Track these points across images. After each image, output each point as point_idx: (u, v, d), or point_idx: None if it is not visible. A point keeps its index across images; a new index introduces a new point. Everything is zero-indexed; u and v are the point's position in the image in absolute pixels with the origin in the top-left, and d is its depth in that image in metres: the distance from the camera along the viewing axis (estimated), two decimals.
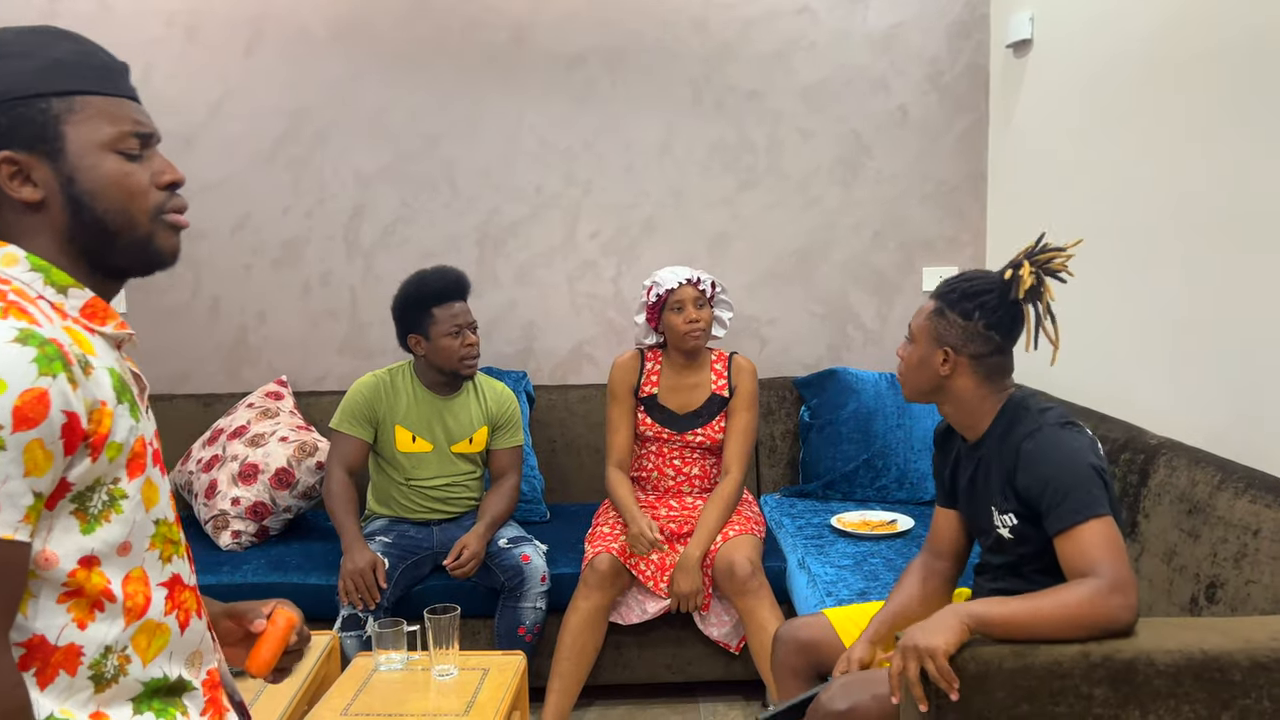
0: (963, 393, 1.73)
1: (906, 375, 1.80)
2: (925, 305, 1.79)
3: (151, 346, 3.37)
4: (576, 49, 3.29)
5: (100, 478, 1.01)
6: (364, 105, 3.30)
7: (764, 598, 2.53)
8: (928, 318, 1.76)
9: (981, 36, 3.31)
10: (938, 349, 1.73)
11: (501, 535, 2.67)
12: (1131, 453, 2.16)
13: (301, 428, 3.08)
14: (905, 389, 1.82)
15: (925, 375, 1.76)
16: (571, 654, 2.54)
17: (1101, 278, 2.59)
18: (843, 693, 1.71)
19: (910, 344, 1.80)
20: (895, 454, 3.08)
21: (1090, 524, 1.52)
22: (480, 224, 3.36)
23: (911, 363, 1.78)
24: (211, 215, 3.33)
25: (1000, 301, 1.71)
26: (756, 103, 3.33)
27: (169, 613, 1.09)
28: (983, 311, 1.70)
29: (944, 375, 1.73)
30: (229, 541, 2.87)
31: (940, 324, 1.73)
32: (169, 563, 1.10)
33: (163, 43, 3.26)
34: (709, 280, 2.74)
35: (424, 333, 2.66)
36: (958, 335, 1.71)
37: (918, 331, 1.77)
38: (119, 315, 1.10)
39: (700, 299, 2.72)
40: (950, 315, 1.72)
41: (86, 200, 1.08)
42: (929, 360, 1.74)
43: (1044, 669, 1.43)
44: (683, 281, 2.70)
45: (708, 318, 2.73)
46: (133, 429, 1.04)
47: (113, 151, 1.09)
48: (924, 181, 3.37)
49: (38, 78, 1.06)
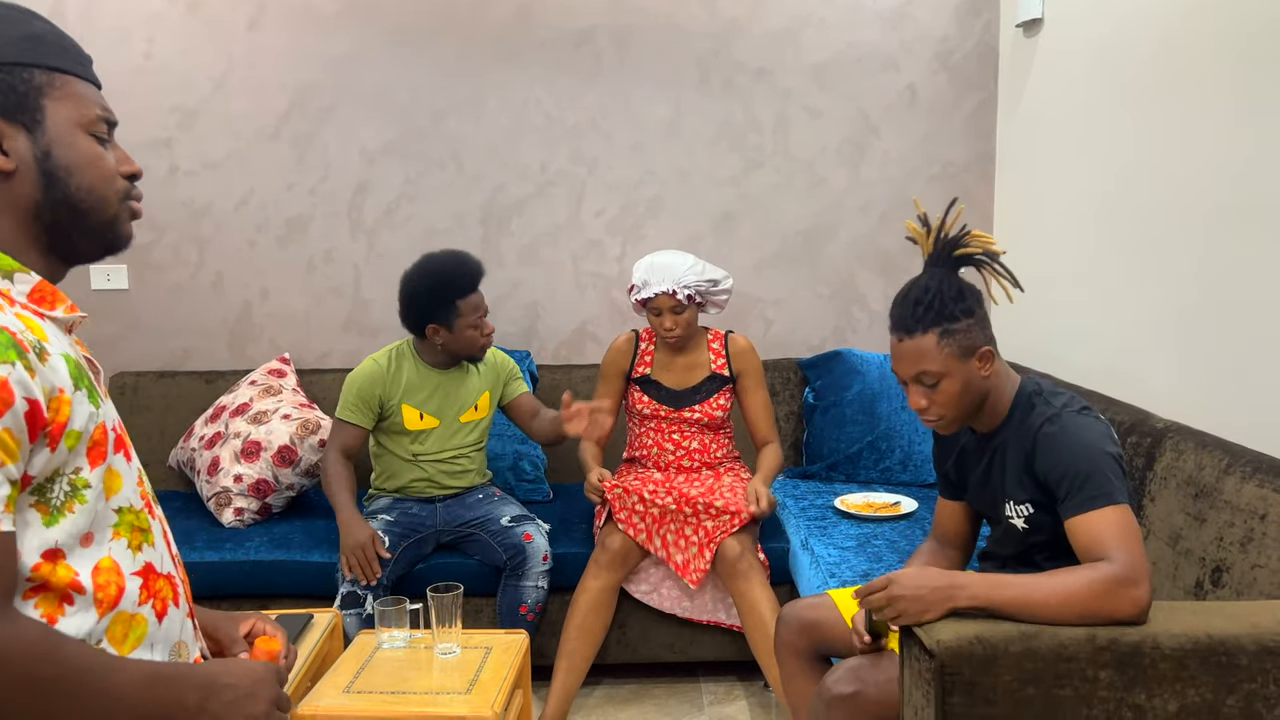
0: (998, 383, 1.70)
1: (949, 412, 1.68)
2: (921, 344, 1.64)
3: (155, 323, 3.37)
4: (584, 25, 3.26)
5: (60, 468, 0.99)
6: (368, 81, 3.28)
7: (755, 580, 2.52)
8: (941, 347, 1.63)
9: (991, 15, 3.27)
10: (970, 360, 1.65)
11: (504, 514, 2.67)
12: (1138, 436, 2.15)
13: (304, 405, 3.08)
14: (951, 425, 1.70)
15: (970, 394, 1.67)
16: (579, 634, 2.54)
17: (1110, 260, 2.57)
18: (848, 675, 1.71)
19: (936, 384, 1.66)
20: (900, 436, 3.07)
21: (1106, 510, 1.51)
22: (485, 202, 3.34)
23: (953, 395, 1.66)
24: (215, 192, 3.32)
25: (964, 285, 1.69)
26: (764, 81, 3.30)
27: (144, 603, 1.07)
28: (974, 300, 1.68)
29: (985, 376, 1.68)
30: (232, 519, 2.87)
31: (958, 339, 1.64)
32: (139, 551, 1.08)
33: (165, 17, 3.24)
34: (687, 293, 2.66)
35: (448, 324, 2.61)
36: (979, 332, 1.66)
37: (941, 366, 1.64)
38: (68, 299, 1.08)
39: (678, 307, 2.67)
40: (959, 324, 1.64)
41: (62, 175, 1.06)
42: (971, 378, 1.66)
43: (1049, 652, 1.42)
44: (658, 293, 2.66)
45: (686, 320, 2.70)
46: (92, 416, 1.02)
47: (87, 133, 1.09)
48: (931, 162, 3.34)
49: (22, 47, 1.05)
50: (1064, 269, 2.80)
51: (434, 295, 2.60)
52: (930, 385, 1.66)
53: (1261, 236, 1.99)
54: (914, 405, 1.69)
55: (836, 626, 1.89)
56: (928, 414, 1.69)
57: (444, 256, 2.68)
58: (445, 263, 2.64)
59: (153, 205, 3.31)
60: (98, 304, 3.35)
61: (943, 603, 1.47)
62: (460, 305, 2.60)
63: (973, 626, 1.46)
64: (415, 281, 2.63)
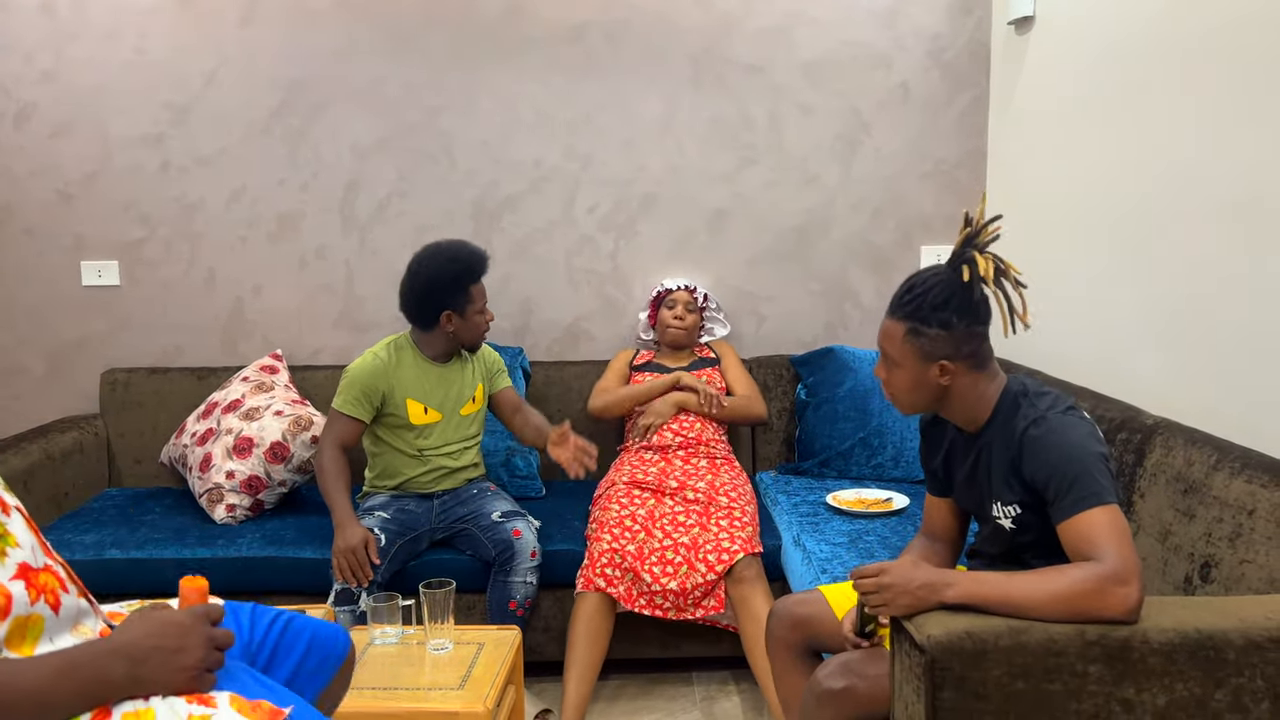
0: (965, 391, 1.70)
1: (900, 397, 1.74)
2: (891, 327, 1.70)
3: (146, 318, 3.36)
4: (576, 21, 3.26)
5: None
6: (360, 77, 3.27)
7: (759, 588, 2.53)
8: (905, 341, 1.68)
9: (984, 13, 3.28)
10: (930, 365, 1.68)
11: (494, 509, 2.67)
12: (1128, 432, 2.16)
13: (296, 402, 3.07)
14: (902, 408, 1.76)
15: (923, 392, 1.71)
16: (585, 641, 2.50)
17: (1100, 256, 2.58)
18: (840, 670, 1.71)
19: (893, 367, 1.72)
20: (891, 432, 3.08)
21: (1095, 511, 1.51)
22: (477, 198, 3.34)
23: (903, 385, 1.72)
24: (207, 187, 3.31)
25: (967, 297, 1.67)
26: (757, 78, 3.30)
27: (35, 601, 1.04)
28: (959, 314, 1.66)
29: (944, 385, 1.69)
30: (224, 515, 2.86)
31: (922, 342, 1.67)
32: (5, 558, 1.05)
33: (157, 13, 3.23)
34: (703, 293, 3.22)
35: (460, 311, 2.62)
36: (947, 345, 1.66)
37: (898, 356, 1.70)
38: None
39: (691, 303, 3.13)
40: (929, 331, 1.66)
41: None
42: (923, 378, 1.69)
43: (1039, 646, 1.43)
44: (680, 286, 3.17)
45: (692, 322, 3.13)
46: None
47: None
48: (923, 159, 3.35)
49: None
50: (1054, 265, 2.81)
51: (451, 281, 2.60)
52: (889, 364, 1.74)
53: (1250, 233, 2.00)
54: (876, 373, 1.79)
55: (827, 622, 1.89)
56: (885, 388, 1.78)
57: (453, 244, 2.68)
58: (458, 249, 2.65)
59: (144, 201, 3.31)
60: (89, 299, 3.34)
61: (931, 597, 1.48)
62: (472, 291, 2.63)
63: (963, 621, 1.47)
64: (430, 268, 2.62)
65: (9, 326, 3.34)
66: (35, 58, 3.23)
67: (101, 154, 3.28)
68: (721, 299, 3.38)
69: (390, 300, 3.27)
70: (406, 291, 2.66)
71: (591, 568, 2.54)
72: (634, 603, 2.53)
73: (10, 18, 3.21)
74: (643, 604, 2.53)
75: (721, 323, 3.30)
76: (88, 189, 3.30)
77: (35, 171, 3.28)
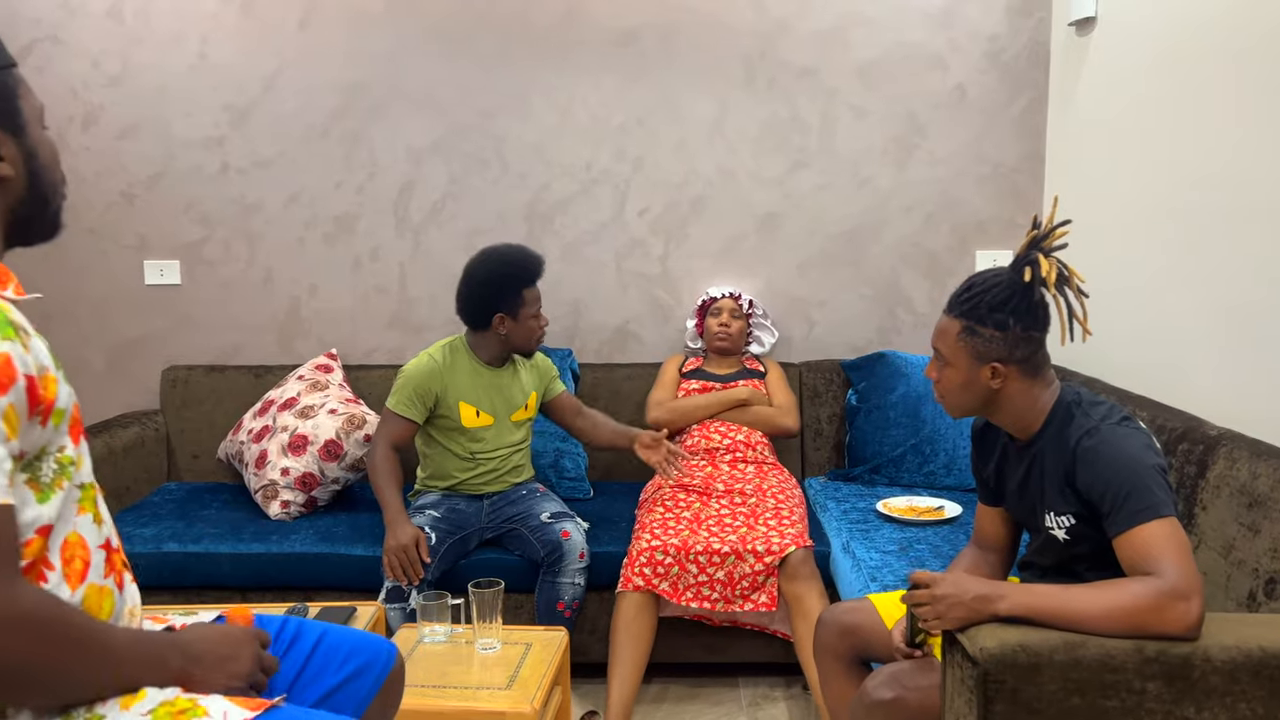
0: (1016, 397, 1.68)
1: (949, 398, 1.73)
2: (946, 325, 1.69)
3: (207, 318, 3.43)
4: (629, 24, 3.27)
5: (47, 445, 1.01)
6: (416, 80, 3.31)
7: (813, 587, 2.52)
8: (959, 339, 1.67)
9: (1043, 13, 3.22)
10: (982, 366, 1.66)
11: (543, 510, 2.68)
12: (1190, 444, 2.11)
13: (350, 400, 3.12)
14: (950, 409, 1.75)
15: (973, 394, 1.69)
16: (627, 640, 2.51)
17: (1163, 262, 2.52)
18: (889, 681, 1.69)
19: (944, 366, 1.71)
20: (944, 439, 3.04)
21: (1153, 524, 1.47)
22: (529, 200, 3.36)
23: (953, 385, 1.70)
24: (265, 189, 3.37)
25: (1026, 300, 1.65)
26: (810, 80, 3.28)
27: (107, 576, 1.09)
28: (1016, 316, 1.64)
29: (995, 388, 1.67)
30: (278, 511, 2.91)
31: (976, 342, 1.65)
32: (101, 525, 1.10)
33: (218, 17, 3.29)
34: (748, 299, 3.21)
35: (513, 314, 2.65)
36: (1000, 348, 1.64)
37: (951, 355, 1.69)
38: (14, 277, 1.09)
39: (736, 310, 3.15)
40: (984, 331, 1.65)
41: (42, 174, 1.08)
42: (974, 380, 1.67)
43: (1095, 662, 1.40)
44: (725, 294, 3.18)
45: (738, 329, 3.14)
46: (70, 395, 1.05)
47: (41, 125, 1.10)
48: (980, 163, 3.30)
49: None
50: (1113, 270, 2.75)
51: (504, 283, 2.64)
52: (941, 364, 1.72)
53: None
54: (927, 373, 1.77)
55: (876, 631, 1.87)
56: (935, 388, 1.76)
57: (509, 248, 2.71)
58: (513, 253, 2.69)
59: (205, 202, 3.38)
60: (151, 298, 3.42)
61: (984, 609, 1.45)
62: (525, 295, 2.65)
63: (1017, 634, 1.44)
64: (484, 270, 2.66)
65: (74, 323, 3.43)
66: (103, 62, 3.32)
67: (164, 156, 3.36)
68: (771, 303, 3.36)
69: (442, 302, 3.32)
70: (461, 292, 2.69)
71: (631, 566, 2.54)
72: (680, 596, 2.53)
73: (80, 23, 3.30)
74: (689, 597, 2.53)
75: (769, 329, 3.28)
76: (151, 190, 3.38)
77: (101, 173, 3.37)
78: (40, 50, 3.31)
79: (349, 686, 1.41)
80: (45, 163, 1.08)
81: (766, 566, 2.51)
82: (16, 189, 1.05)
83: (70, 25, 3.31)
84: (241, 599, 2.71)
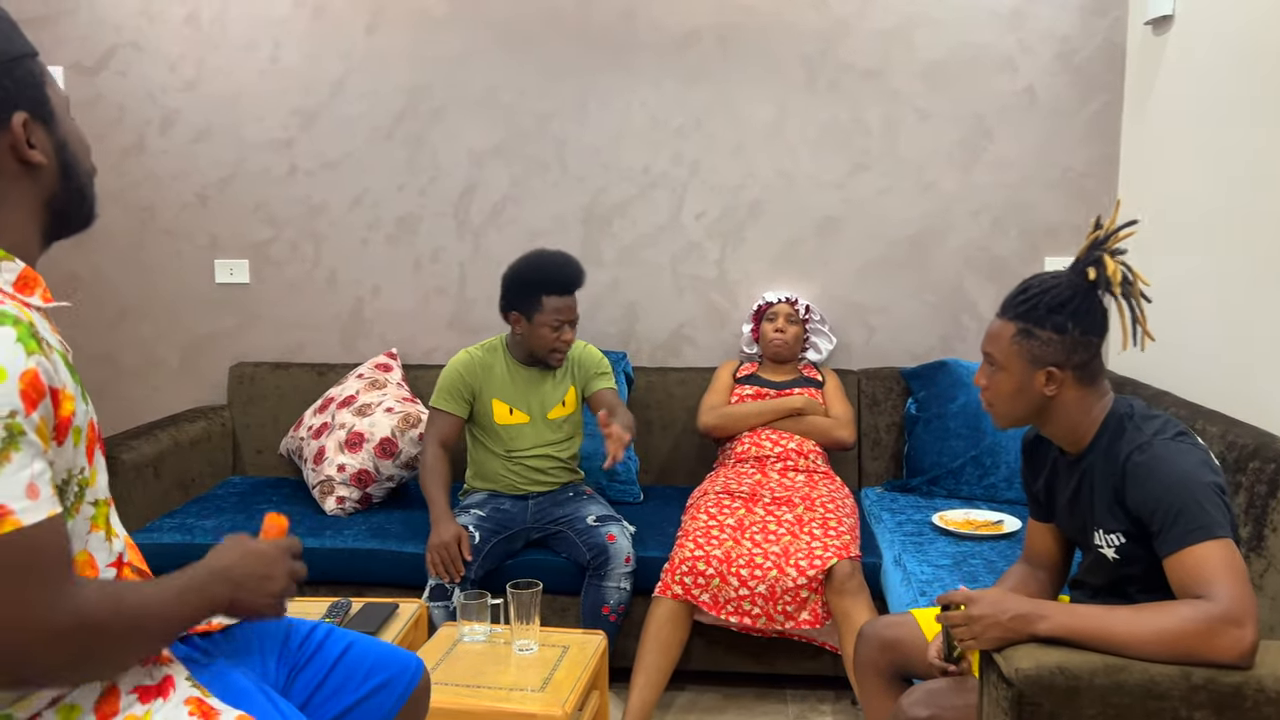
0: (1069, 406, 1.61)
1: (998, 405, 1.65)
2: (1000, 328, 1.63)
3: (272, 316, 3.52)
4: (690, 27, 3.25)
5: (70, 467, 1.00)
6: (477, 83, 3.34)
7: (861, 600, 2.46)
8: (1014, 341, 1.60)
9: (1119, 13, 3.11)
10: (1037, 371, 1.59)
11: (590, 512, 2.68)
12: (1261, 461, 2.00)
13: (407, 399, 3.16)
14: (999, 419, 1.67)
15: (1025, 401, 1.62)
16: (655, 646, 2.50)
17: (1237, 269, 2.40)
18: (925, 699, 1.64)
19: (996, 370, 1.64)
20: (1006, 451, 2.94)
21: (1206, 545, 1.40)
22: (587, 204, 3.36)
23: (1005, 391, 1.63)
24: (331, 191, 3.44)
25: (1086, 303, 1.58)
26: (873, 82, 3.22)
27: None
28: (1075, 320, 1.57)
29: (1049, 395, 1.60)
30: (334, 507, 2.96)
31: (1032, 345, 1.59)
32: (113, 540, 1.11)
33: (289, 23, 3.38)
34: (804, 303, 3.14)
35: (527, 315, 2.67)
36: (1058, 351, 1.58)
37: (1005, 358, 1.61)
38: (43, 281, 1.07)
39: (792, 315, 3.09)
40: (1042, 333, 1.58)
41: (73, 163, 1.08)
42: (1028, 385, 1.60)
43: (1139, 688, 1.34)
44: (781, 299, 3.11)
45: (794, 334, 3.08)
46: (85, 413, 1.03)
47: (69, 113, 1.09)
48: (1050, 167, 3.20)
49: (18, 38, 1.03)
50: (1185, 278, 2.63)
51: (524, 283, 2.66)
52: (993, 369, 1.65)
53: None
54: (976, 380, 1.70)
55: (917, 646, 1.81)
56: (984, 395, 1.69)
57: (549, 252, 2.73)
58: (546, 257, 2.70)
59: (273, 203, 3.46)
60: (221, 297, 3.52)
61: (1021, 630, 1.40)
62: (544, 301, 2.64)
63: (1056, 655, 1.38)
64: (515, 267, 2.71)
65: (150, 320, 3.55)
66: (180, 67, 3.43)
67: (235, 158, 3.45)
68: (829, 308, 3.30)
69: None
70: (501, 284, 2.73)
71: (670, 574, 2.52)
72: (721, 609, 2.49)
73: (159, 29, 3.42)
74: (730, 611, 2.49)
75: (826, 335, 3.22)
76: (222, 191, 3.47)
77: (177, 175, 3.48)
78: (121, 56, 3.44)
79: (370, 702, 1.41)
80: (77, 152, 1.08)
81: (810, 581, 2.46)
82: (50, 179, 1.05)
83: (150, 32, 3.42)
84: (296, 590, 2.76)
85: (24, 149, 1.01)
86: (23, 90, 1.02)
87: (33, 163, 1.03)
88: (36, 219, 1.06)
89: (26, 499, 0.91)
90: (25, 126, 1.01)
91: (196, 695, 1.15)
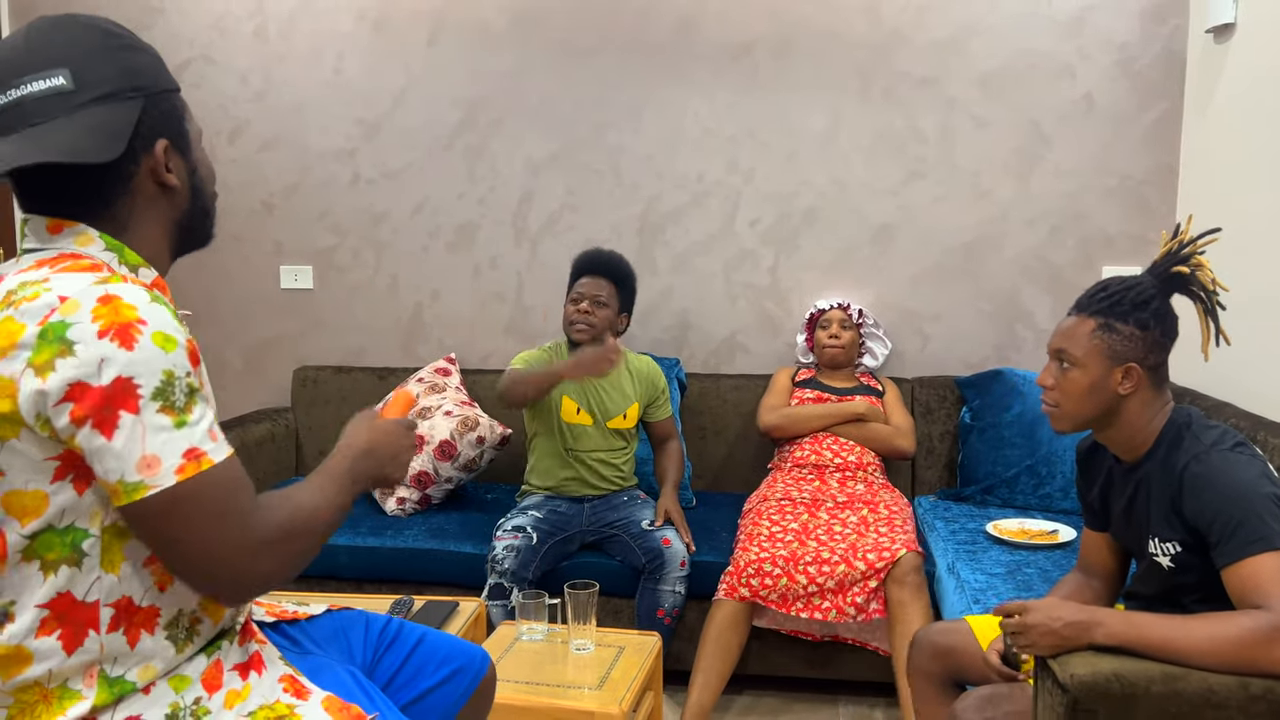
0: (1136, 410, 1.61)
1: (1066, 404, 1.64)
2: (1076, 324, 1.63)
3: (335, 320, 3.61)
4: (744, 38, 3.28)
5: None
6: (534, 94, 3.41)
7: (920, 600, 2.48)
8: (1094, 336, 1.60)
9: (1179, 20, 3.08)
10: (1116, 367, 1.59)
11: (645, 517, 2.72)
12: None
13: (465, 403, 3.23)
14: (1064, 420, 1.65)
15: (1096, 400, 1.61)
16: (715, 649, 2.52)
17: None
18: (979, 705, 1.65)
19: (1070, 368, 1.62)
20: (1062, 461, 2.93)
21: (1265, 556, 1.40)
22: (642, 212, 3.41)
23: (1079, 389, 1.61)
24: (393, 199, 3.53)
25: (1165, 305, 1.60)
26: (928, 90, 3.22)
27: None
28: (1156, 319, 1.59)
29: (1123, 394, 1.60)
30: (394, 507, 3.04)
31: (1114, 340, 1.59)
32: None
33: (353, 36, 3.47)
34: (858, 308, 3.16)
35: (568, 297, 2.87)
36: (1139, 348, 1.58)
37: (1083, 354, 1.60)
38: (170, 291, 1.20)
39: (846, 321, 3.10)
40: (1124, 328, 1.58)
41: (201, 187, 1.20)
42: (1104, 382, 1.60)
43: (1196, 696, 1.34)
44: (833, 305, 3.13)
45: (849, 340, 3.09)
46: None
47: (200, 144, 1.22)
48: (1108, 175, 3.17)
49: (162, 73, 1.16)
50: (1250, 289, 2.60)
51: (571, 273, 2.89)
52: (1064, 367, 1.64)
53: None
54: (1041, 381, 1.68)
55: (970, 653, 1.83)
56: (1049, 396, 1.67)
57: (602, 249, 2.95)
58: (594, 249, 2.93)
59: (337, 211, 3.56)
60: (286, 301, 3.62)
61: (1077, 638, 1.41)
62: (574, 283, 2.85)
63: (1111, 662, 1.39)
64: None
65: (217, 324, 3.66)
66: (249, 78, 3.54)
67: (300, 167, 3.56)
68: (883, 316, 3.31)
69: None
70: None
71: (736, 576, 2.54)
72: (790, 607, 2.52)
73: (230, 42, 3.54)
74: (800, 608, 2.52)
75: (881, 340, 3.23)
76: (288, 199, 3.58)
77: (245, 183, 3.59)
78: (194, 69, 3.56)
79: (442, 689, 1.48)
80: (205, 178, 1.22)
81: (878, 571, 2.49)
82: (181, 200, 1.18)
83: (221, 45, 3.54)
84: (356, 589, 2.84)
85: (162, 172, 1.14)
86: (168, 121, 1.15)
87: (169, 185, 1.15)
88: (168, 235, 1.19)
89: (211, 442, 1.05)
90: (165, 153, 1.14)
91: (290, 674, 1.23)
